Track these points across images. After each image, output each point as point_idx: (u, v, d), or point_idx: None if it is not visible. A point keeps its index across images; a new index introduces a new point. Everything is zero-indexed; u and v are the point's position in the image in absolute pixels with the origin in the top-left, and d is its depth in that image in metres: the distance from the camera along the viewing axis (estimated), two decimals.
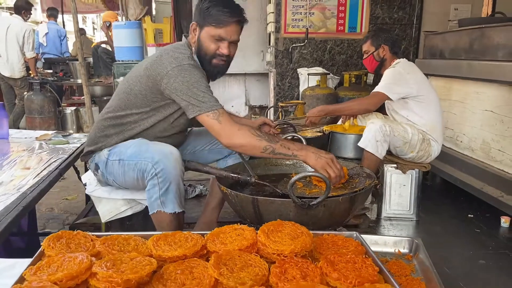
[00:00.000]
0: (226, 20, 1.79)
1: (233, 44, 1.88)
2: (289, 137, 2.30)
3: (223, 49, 1.84)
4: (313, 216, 1.58)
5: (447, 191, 3.32)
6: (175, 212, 1.76)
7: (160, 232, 1.27)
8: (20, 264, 1.16)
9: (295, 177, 1.52)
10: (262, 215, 1.61)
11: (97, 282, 1.01)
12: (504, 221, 2.67)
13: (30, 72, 5.73)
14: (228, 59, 1.90)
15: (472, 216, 2.85)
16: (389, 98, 2.64)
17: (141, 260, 1.10)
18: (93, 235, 1.25)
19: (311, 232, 1.29)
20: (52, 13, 7.46)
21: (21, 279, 1.02)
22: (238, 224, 1.31)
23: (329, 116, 3.13)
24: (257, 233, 1.25)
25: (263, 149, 1.69)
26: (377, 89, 2.68)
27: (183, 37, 1.98)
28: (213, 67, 1.90)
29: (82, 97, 5.29)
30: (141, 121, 1.91)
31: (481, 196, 2.78)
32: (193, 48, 1.91)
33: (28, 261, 1.13)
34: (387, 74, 2.72)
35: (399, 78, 2.65)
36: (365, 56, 2.91)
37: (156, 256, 1.16)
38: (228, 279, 1.04)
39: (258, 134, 1.72)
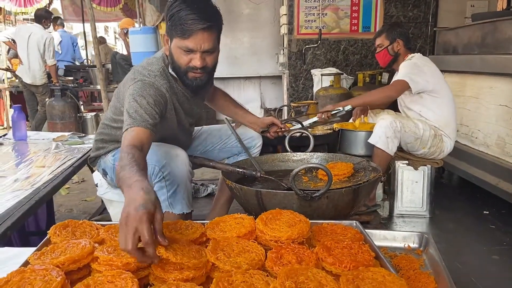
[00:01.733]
0: (190, 28, 1.58)
1: (208, 53, 1.67)
2: (298, 134, 2.32)
3: (195, 61, 1.65)
4: (316, 208, 1.59)
5: (463, 189, 3.27)
6: (183, 213, 1.79)
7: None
8: (27, 252, 1.21)
9: (296, 169, 1.53)
10: (266, 208, 1.62)
11: (98, 266, 1.05)
12: None
13: (51, 79, 5.91)
14: (205, 70, 1.71)
15: (487, 212, 2.80)
16: (409, 88, 2.59)
17: None
18: (98, 224, 1.30)
19: (311, 221, 1.30)
20: (60, 22, 7.72)
21: (26, 263, 1.07)
22: (239, 213, 1.33)
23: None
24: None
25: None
26: (398, 77, 2.63)
27: (163, 48, 1.84)
28: (190, 81, 1.73)
29: (102, 103, 5.43)
30: None
31: (497, 192, 2.73)
32: (167, 60, 1.78)
33: (34, 249, 1.18)
34: (405, 65, 2.67)
35: (418, 70, 2.62)
36: (378, 50, 2.87)
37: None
38: (224, 264, 1.06)
39: (122, 156, 1.34)
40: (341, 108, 2.53)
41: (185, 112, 1.92)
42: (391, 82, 2.70)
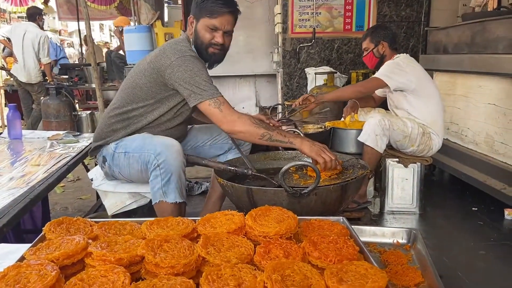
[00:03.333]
0: (219, 10, 1.91)
1: (227, 34, 2.00)
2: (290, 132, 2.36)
3: (218, 38, 1.96)
4: (305, 205, 1.64)
5: (453, 186, 3.33)
6: (176, 202, 1.84)
7: (153, 218, 1.34)
8: (23, 249, 1.25)
9: (286, 166, 1.57)
10: (256, 205, 1.66)
11: (92, 261, 1.09)
12: (508, 213, 2.66)
13: (46, 77, 5.92)
14: (223, 48, 2.01)
15: (476, 209, 2.85)
16: (386, 85, 2.66)
17: (134, 242, 1.17)
18: (92, 221, 1.33)
19: (300, 217, 1.34)
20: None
21: (22, 259, 1.11)
22: (229, 210, 1.37)
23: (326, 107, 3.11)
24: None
25: (261, 135, 1.81)
26: (375, 75, 2.73)
27: (182, 32, 2.10)
28: (209, 56, 2.01)
29: (97, 102, 5.45)
30: (146, 114, 2.01)
31: (485, 189, 2.78)
32: (191, 40, 2.02)
33: (30, 245, 1.21)
34: (386, 64, 2.77)
35: (399, 69, 2.69)
36: (365, 53, 2.95)
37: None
38: (214, 258, 1.10)
39: (257, 122, 1.85)
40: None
41: None
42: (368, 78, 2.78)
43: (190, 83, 1.85)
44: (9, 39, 6.21)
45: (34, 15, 5.84)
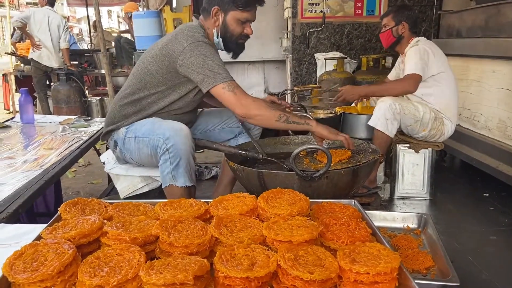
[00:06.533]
0: (252, 3, 1.94)
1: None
2: None
3: (248, 29, 1.99)
4: (316, 189, 1.64)
5: (464, 172, 3.31)
6: (186, 185, 1.85)
7: (166, 200, 1.35)
8: (39, 229, 1.27)
9: (297, 149, 1.57)
10: (267, 188, 1.66)
11: (107, 240, 1.11)
12: None
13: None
14: (248, 37, 2.05)
15: (487, 195, 2.84)
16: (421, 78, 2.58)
17: (148, 222, 1.18)
18: (106, 202, 1.35)
19: (311, 200, 1.35)
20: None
21: (38, 238, 1.13)
22: (241, 192, 1.38)
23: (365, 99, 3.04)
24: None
25: (278, 117, 1.80)
26: (410, 70, 2.57)
27: (194, 18, 2.06)
28: (238, 47, 2.03)
29: (107, 87, 5.47)
30: (158, 100, 2.01)
31: (497, 175, 2.76)
32: (212, 31, 1.99)
33: (46, 225, 1.23)
34: (414, 52, 2.61)
35: (428, 58, 2.59)
36: (383, 29, 2.84)
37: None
38: (227, 238, 1.11)
39: (271, 105, 1.86)
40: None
41: None
42: (405, 75, 2.60)
43: (203, 67, 1.83)
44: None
45: (54, 2, 5.88)
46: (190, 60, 1.84)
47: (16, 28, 6.50)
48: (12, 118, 2.95)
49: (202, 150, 3.57)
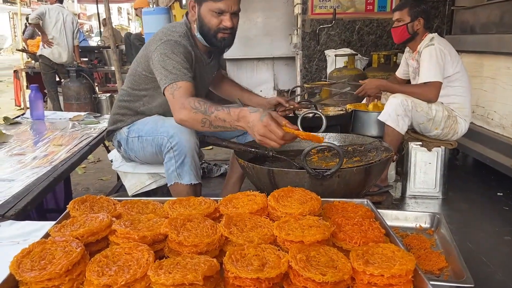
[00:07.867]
0: None
1: (235, 15, 1.86)
2: (310, 114, 2.32)
3: (226, 22, 1.82)
4: (328, 187, 1.61)
5: (478, 171, 3.25)
6: (191, 183, 1.83)
7: (175, 198, 1.33)
8: (47, 226, 1.26)
9: (308, 147, 1.54)
10: (278, 186, 1.64)
11: (116, 238, 1.09)
12: None
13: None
14: (232, 31, 1.88)
15: (501, 194, 2.79)
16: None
17: (157, 220, 1.16)
18: (115, 199, 1.34)
19: (323, 199, 1.32)
20: None
21: (47, 235, 1.12)
22: (251, 190, 1.36)
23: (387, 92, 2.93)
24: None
25: (201, 123, 1.63)
26: (430, 77, 2.50)
27: (184, 16, 1.99)
28: (219, 42, 1.89)
29: (116, 84, 5.50)
30: (150, 100, 1.99)
31: (511, 174, 2.71)
32: (194, 26, 1.90)
33: (54, 222, 1.22)
34: (430, 55, 2.52)
35: (444, 60, 2.52)
36: (396, 24, 2.70)
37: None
38: (237, 238, 1.09)
39: (196, 106, 1.63)
40: None
41: (199, 77, 1.98)
42: (427, 82, 2.52)
43: (161, 66, 1.74)
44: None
45: None
46: (155, 59, 1.79)
47: (30, 24, 6.54)
48: (22, 115, 2.96)
49: (211, 147, 3.55)
